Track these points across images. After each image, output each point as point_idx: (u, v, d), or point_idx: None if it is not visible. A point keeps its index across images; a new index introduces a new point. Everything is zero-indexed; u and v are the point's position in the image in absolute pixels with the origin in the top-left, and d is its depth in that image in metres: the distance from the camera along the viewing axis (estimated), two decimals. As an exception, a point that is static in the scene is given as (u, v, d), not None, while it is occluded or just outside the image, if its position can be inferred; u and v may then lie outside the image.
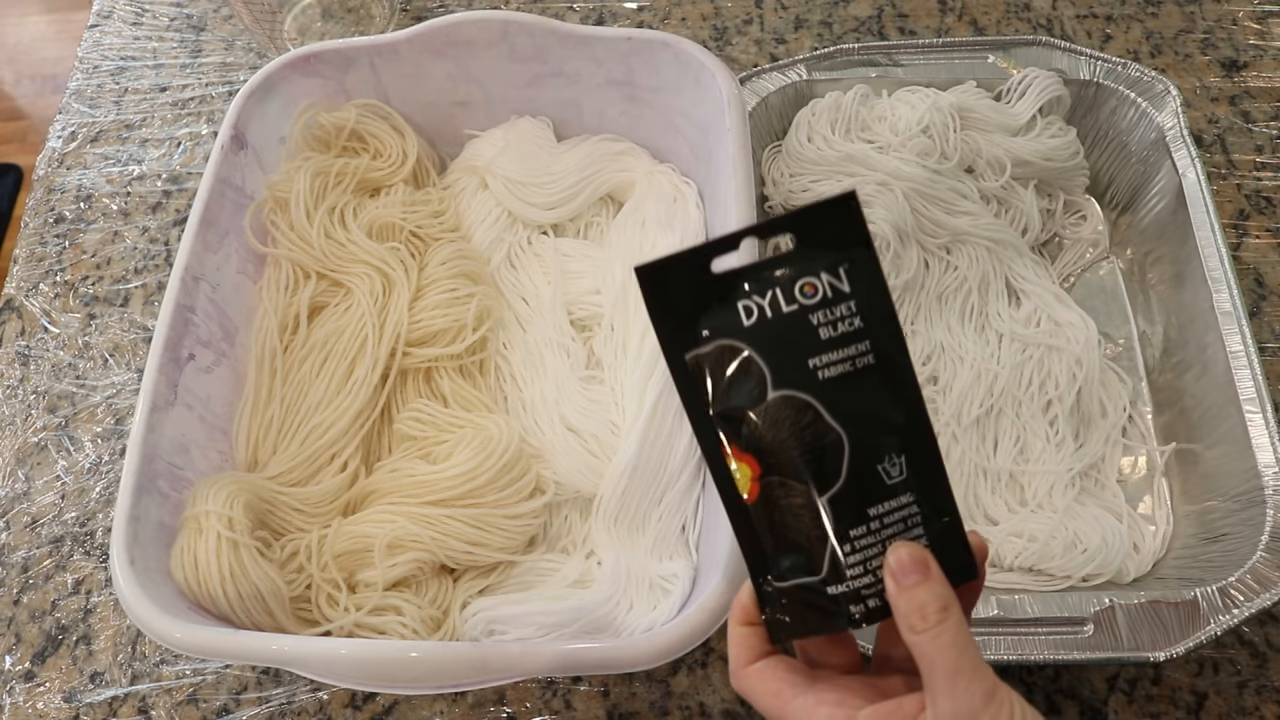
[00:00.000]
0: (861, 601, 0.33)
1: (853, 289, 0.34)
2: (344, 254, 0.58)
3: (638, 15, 0.82)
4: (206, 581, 0.45)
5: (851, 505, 0.33)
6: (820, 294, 0.34)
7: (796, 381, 0.33)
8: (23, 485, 0.63)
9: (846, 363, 0.34)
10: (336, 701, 0.56)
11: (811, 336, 0.34)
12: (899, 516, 0.34)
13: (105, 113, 0.79)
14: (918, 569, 0.32)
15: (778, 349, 0.34)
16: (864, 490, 0.33)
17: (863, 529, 0.33)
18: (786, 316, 0.34)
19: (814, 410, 0.33)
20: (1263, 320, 0.66)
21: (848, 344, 0.34)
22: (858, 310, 0.34)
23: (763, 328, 0.34)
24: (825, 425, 0.33)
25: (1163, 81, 0.65)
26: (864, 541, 0.33)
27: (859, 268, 0.34)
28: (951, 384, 0.61)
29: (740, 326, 0.34)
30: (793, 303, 0.34)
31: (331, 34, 0.80)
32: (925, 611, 0.31)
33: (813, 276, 0.34)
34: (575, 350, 0.59)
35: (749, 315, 0.34)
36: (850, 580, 0.33)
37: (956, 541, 0.34)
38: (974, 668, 0.30)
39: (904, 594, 0.32)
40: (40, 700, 0.56)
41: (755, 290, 0.34)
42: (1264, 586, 0.49)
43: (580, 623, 0.48)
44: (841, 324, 0.34)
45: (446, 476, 0.51)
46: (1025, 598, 0.50)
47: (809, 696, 0.33)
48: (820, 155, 0.65)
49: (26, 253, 0.73)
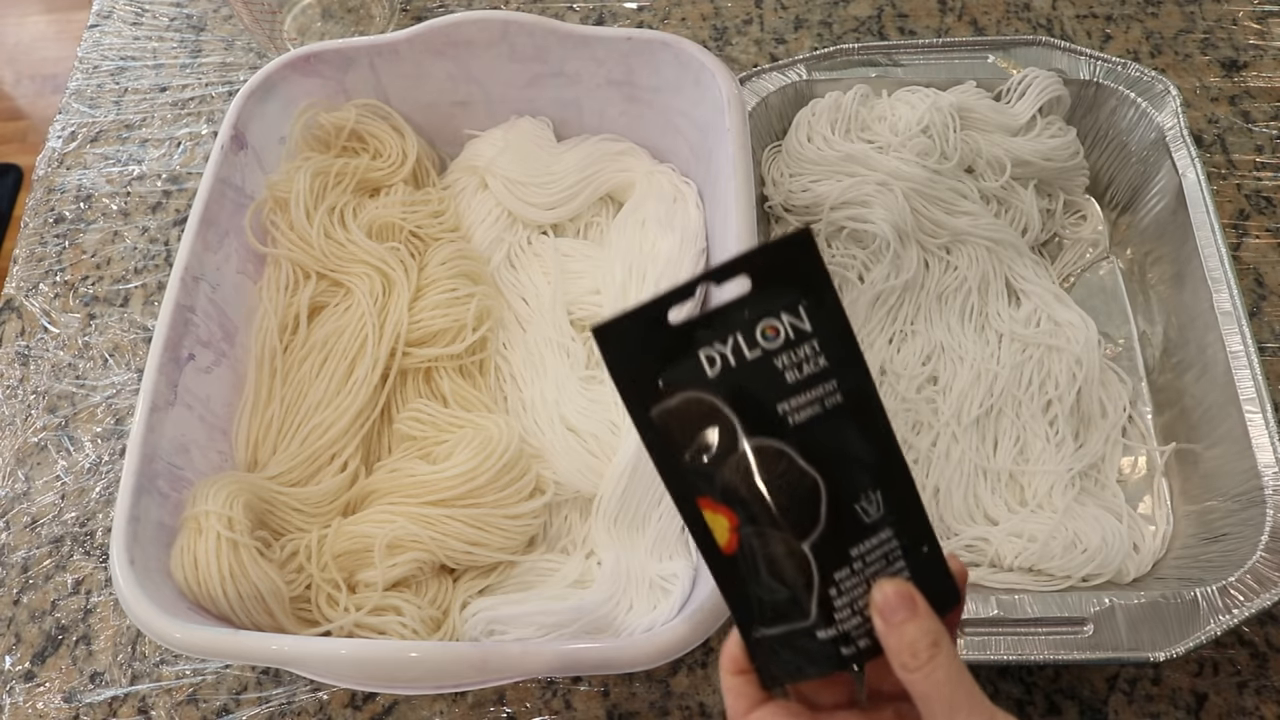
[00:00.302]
0: (852, 643, 0.33)
1: (814, 327, 0.33)
2: (344, 254, 0.58)
3: (638, 15, 0.82)
4: (206, 581, 0.45)
5: (833, 548, 0.33)
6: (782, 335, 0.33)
7: (767, 429, 0.33)
8: (23, 485, 0.63)
9: (815, 404, 0.33)
10: (336, 701, 0.56)
11: (778, 381, 0.33)
12: (880, 553, 0.34)
13: (105, 113, 0.79)
14: (905, 606, 0.32)
15: (745, 397, 0.33)
16: (844, 531, 0.33)
17: (846, 570, 0.33)
18: (751, 363, 0.33)
19: (787, 457, 0.33)
20: (1263, 320, 0.66)
21: (815, 385, 0.33)
22: (821, 349, 0.33)
23: (727, 376, 0.33)
24: (800, 470, 0.33)
25: (1163, 81, 0.65)
26: (849, 583, 0.33)
27: (819, 304, 0.34)
28: (951, 384, 0.61)
29: (704, 377, 0.33)
30: (755, 347, 0.33)
31: (331, 34, 0.80)
32: (916, 649, 0.31)
33: (773, 318, 0.33)
34: (575, 350, 0.59)
35: (712, 364, 0.33)
36: (839, 623, 0.33)
37: (939, 570, 0.34)
38: (970, 701, 0.31)
39: (893, 632, 0.32)
40: (40, 700, 0.56)
41: (716, 337, 0.33)
42: (1264, 586, 0.49)
43: (580, 623, 0.48)
44: (807, 365, 0.33)
45: (446, 476, 0.51)
46: (1025, 598, 0.50)
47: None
48: (820, 155, 0.65)
49: (26, 253, 0.73)
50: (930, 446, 0.60)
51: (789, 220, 0.66)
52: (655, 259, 0.58)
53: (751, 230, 0.52)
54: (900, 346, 0.63)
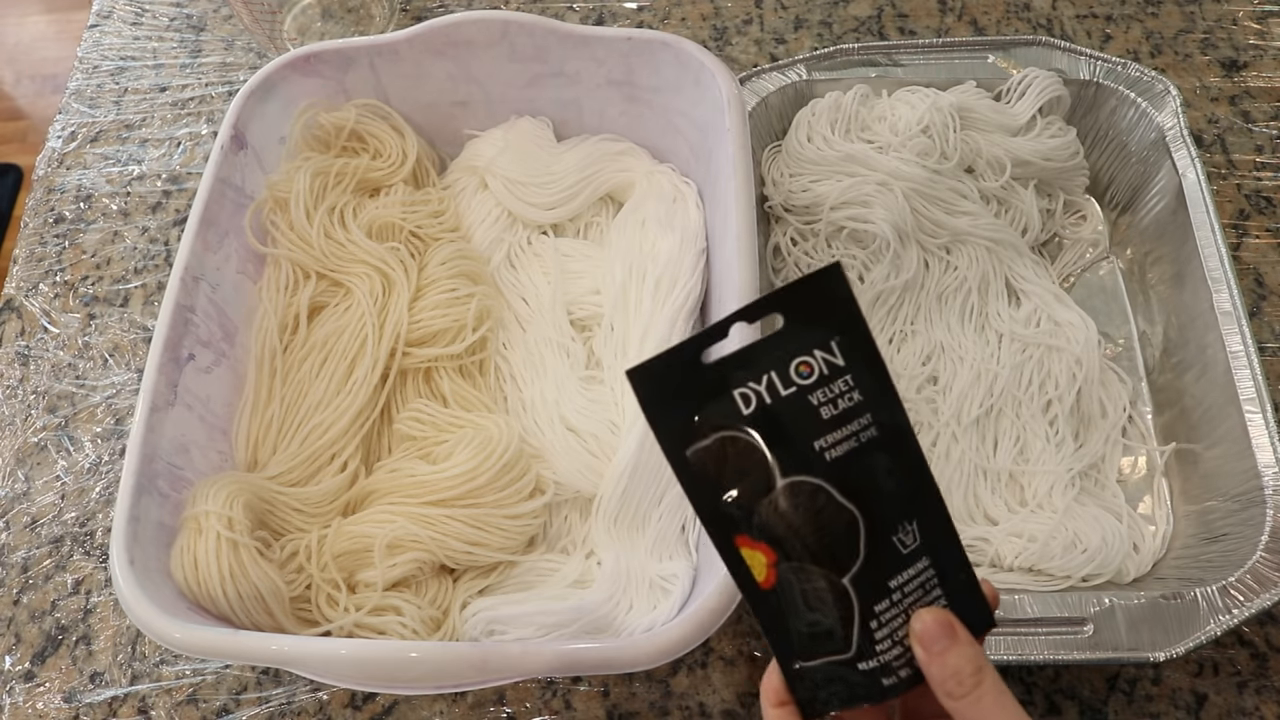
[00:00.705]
0: (893, 673, 0.33)
1: (847, 362, 0.34)
2: (344, 254, 0.58)
3: (638, 15, 0.82)
4: (206, 581, 0.45)
5: (873, 580, 0.33)
6: (816, 372, 0.33)
7: (804, 466, 0.33)
8: (23, 485, 0.63)
9: (851, 439, 0.33)
10: (336, 701, 0.56)
11: (813, 417, 0.33)
12: (918, 583, 0.34)
13: (105, 113, 0.79)
14: (945, 634, 0.32)
15: (781, 435, 0.33)
16: (883, 564, 0.33)
17: (886, 602, 0.33)
18: (786, 400, 0.33)
19: (825, 493, 0.33)
20: (1263, 320, 0.66)
21: (850, 420, 0.33)
22: (855, 384, 0.33)
23: (763, 414, 0.33)
24: (838, 506, 0.33)
25: (1163, 81, 0.65)
26: (889, 614, 0.33)
27: (852, 339, 0.34)
28: (951, 384, 0.61)
29: (740, 415, 0.33)
30: (790, 385, 0.33)
31: (331, 34, 0.80)
32: (961, 677, 0.31)
33: (807, 355, 0.33)
34: (575, 350, 0.59)
35: (747, 403, 0.33)
36: (880, 654, 0.33)
37: (974, 595, 0.35)
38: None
39: (935, 661, 0.32)
40: (40, 700, 0.56)
41: (750, 376, 0.33)
42: (1264, 586, 0.49)
43: (580, 623, 0.48)
44: (841, 400, 0.33)
45: (446, 476, 0.51)
46: (1025, 598, 0.50)
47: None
48: (820, 155, 0.65)
49: (26, 253, 0.73)
50: (930, 446, 0.60)
51: (789, 220, 0.66)
52: (655, 259, 0.58)
53: (752, 230, 0.52)
54: (900, 346, 0.63)
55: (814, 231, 0.65)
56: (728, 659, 0.56)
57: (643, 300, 0.57)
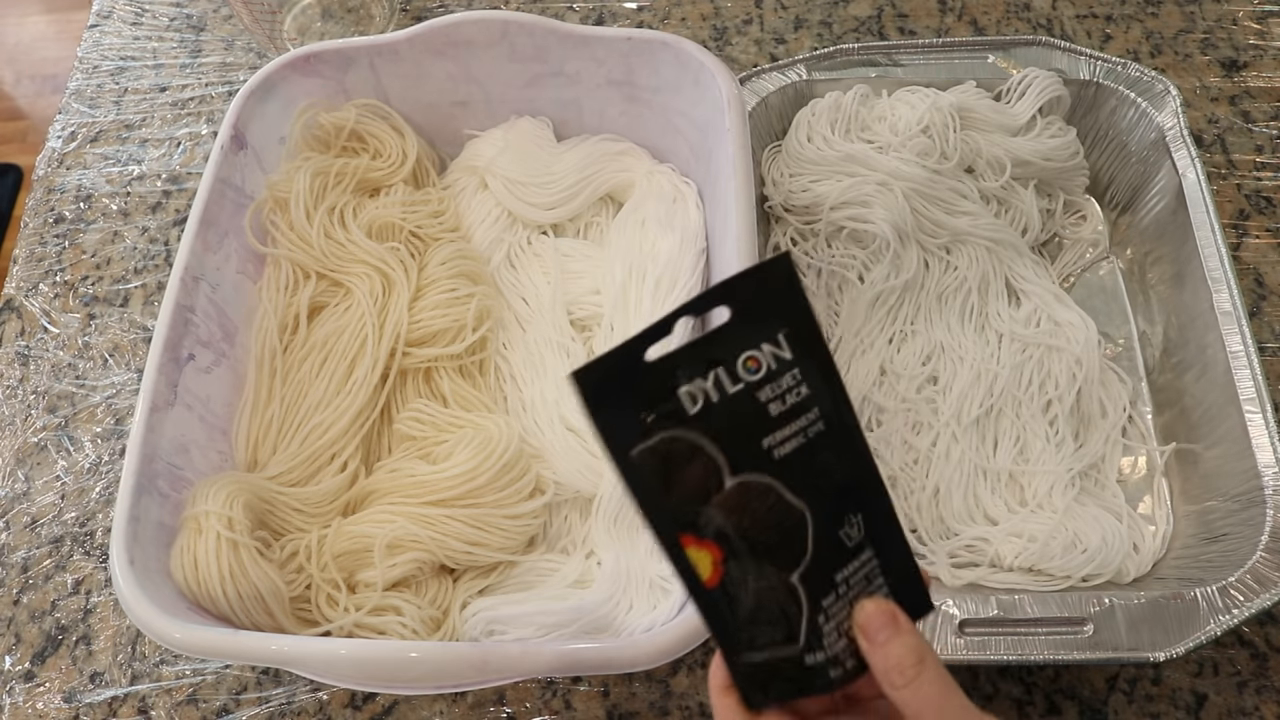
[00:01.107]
0: (840, 665, 0.34)
1: (795, 355, 0.33)
2: (344, 254, 0.58)
3: (638, 15, 0.82)
4: (206, 581, 0.45)
5: (820, 575, 0.33)
6: (764, 367, 0.32)
7: (753, 464, 0.32)
8: (23, 485, 0.63)
9: (799, 435, 0.33)
10: (336, 701, 0.56)
11: (762, 415, 0.32)
12: (862, 574, 0.34)
13: (105, 113, 0.79)
14: (888, 624, 0.33)
15: (730, 435, 0.32)
16: (830, 559, 0.33)
17: (832, 595, 0.33)
18: (733, 397, 0.32)
19: (774, 491, 0.32)
20: (1263, 320, 0.66)
21: (798, 415, 0.33)
22: (803, 378, 0.33)
23: (710, 413, 0.32)
24: (787, 504, 0.33)
25: (1163, 81, 0.65)
26: (835, 607, 0.33)
27: (799, 330, 0.33)
28: (951, 384, 0.61)
29: (685, 415, 0.32)
30: (738, 381, 0.32)
31: (331, 34, 0.80)
32: (903, 667, 0.32)
33: (754, 349, 0.32)
34: (575, 350, 0.59)
35: (694, 401, 0.32)
36: (827, 647, 0.33)
37: (914, 581, 0.35)
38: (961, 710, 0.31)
39: (878, 651, 0.32)
40: (40, 700, 0.56)
41: (696, 373, 0.32)
42: (1264, 587, 0.49)
43: (580, 623, 0.48)
44: (789, 395, 0.33)
45: (446, 476, 0.51)
46: (1025, 598, 0.50)
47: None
48: (820, 155, 0.65)
49: (26, 253, 0.73)
50: (930, 446, 0.60)
51: (789, 220, 0.66)
52: (655, 259, 0.58)
53: (751, 230, 0.52)
54: (900, 346, 0.63)
55: (814, 231, 0.65)
56: None
57: (643, 300, 0.57)
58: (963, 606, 0.50)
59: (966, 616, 0.49)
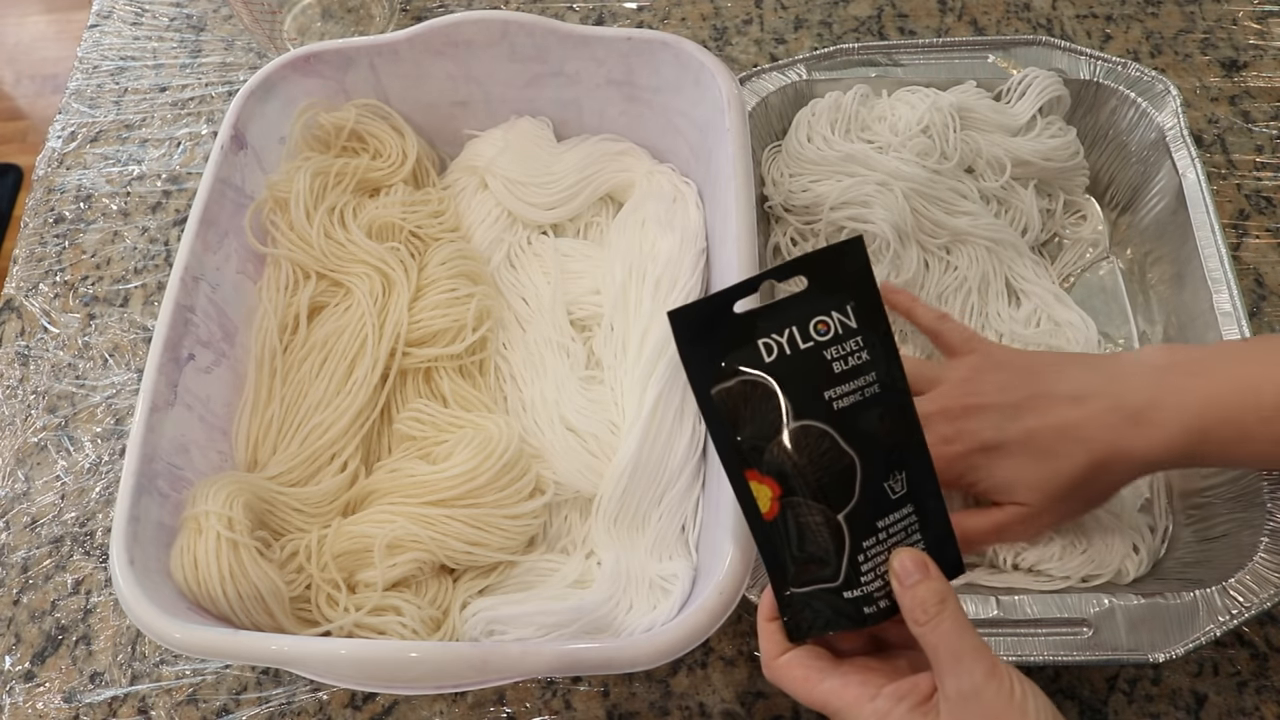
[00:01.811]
0: (874, 603, 0.38)
1: (859, 325, 0.38)
2: (344, 254, 0.58)
3: (638, 15, 0.82)
4: (206, 581, 0.45)
5: (864, 520, 0.37)
6: (832, 331, 0.37)
7: (814, 412, 0.37)
8: (23, 485, 0.63)
9: (857, 393, 0.37)
10: (336, 701, 0.56)
11: (826, 370, 0.37)
12: (902, 526, 0.38)
13: (105, 113, 0.79)
14: (918, 569, 0.37)
15: (796, 383, 0.37)
16: (874, 506, 0.37)
17: (873, 540, 0.37)
18: (803, 352, 0.37)
19: (830, 438, 0.37)
20: (1263, 320, 0.66)
21: (857, 376, 0.37)
22: (865, 345, 0.38)
23: (782, 363, 0.37)
24: (840, 450, 0.37)
25: (1163, 81, 0.65)
26: (874, 550, 0.37)
27: (865, 305, 0.38)
28: (951, 384, 0.61)
29: (762, 362, 0.37)
30: (808, 340, 0.37)
31: (331, 34, 0.80)
32: (926, 605, 0.35)
33: (825, 315, 0.37)
34: (575, 350, 0.59)
35: (769, 352, 0.37)
36: (864, 585, 0.37)
37: (949, 544, 0.39)
38: (974, 649, 0.34)
39: (907, 592, 0.36)
40: (40, 700, 0.56)
41: (773, 329, 0.37)
42: (1263, 587, 0.49)
43: (580, 623, 0.48)
44: (851, 358, 0.37)
45: (446, 476, 0.51)
46: (1025, 599, 0.50)
47: (835, 680, 0.37)
48: (820, 155, 0.65)
49: (26, 253, 0.73)
50: (930, 446, 0.60)
51: (789, 220, 0.66)
52: (655, 259, 0.58)
53: (752, 230, 0.52)
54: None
55: (814, 231, 0.65)
56: (728, 659, 0.56)
57: (643, 300, 0.57)
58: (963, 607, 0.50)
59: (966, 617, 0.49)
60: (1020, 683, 0.34)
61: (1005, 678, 0.34)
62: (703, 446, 0.55)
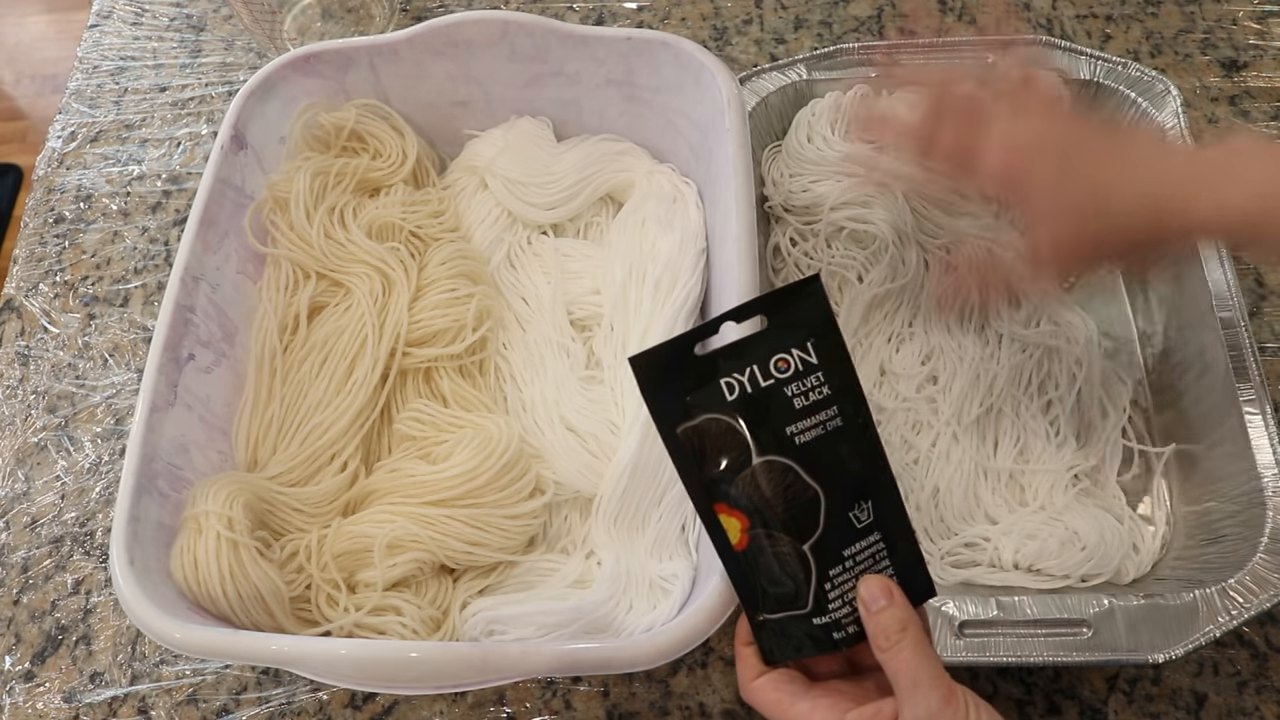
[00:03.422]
0: (843, 628, 0.39)
1: (820, 360, 0.39)
2: (344, 254, 0.58)
3: (638, 15, 0.82)
4: (206, 581, 0.45)
5: (830, 549, 0.38)
6: (792, 368, 0.38)
7: (777, 447, 0.38)
8: (23, 485, 0.63)
9: (818, 427, 0.38)
10: (336, 701, 0.56)
11: (787, 406, 0.38)
12: (869, 553, 0.39)
13: (105, 113, 0.79)
14: (883, 596, 0.38)
15: (758, 420, 0.38)
16: (839, 535, 0.38)
17: (840, 568, 0.38)
18: (765, 389, 0.38)
19: (794, 472, 0.38)
20: (1263, 320, 0.66)
21: (819, 410, 0.38)
22: (825, 380, 0.39)
23: (744, 401, 0.38)
24: (804, 484, 0.38)
25: (1163, 81, 0.65)
26: (841, 578, 0.38)
27: (825, 341, 0.39)
28: (951, 384, 0.61)
29: (724, 401, 0.38)
30: (769, 377, 0.38)
31: (331, 34, 0.80)
32: (888, 631, 0.37)
33: (785, 353, 0.38)
34: (575, 350, 0.59)
35: (731, 390, 0.38)
36: (832, 612, 0.38)
37: (918, 568, 0.40)
38: (932, 676, 0.36)
39: (871, 619, 0.38)
40: (40, 700, 0.56)
41: (735, 369, 0.38)
42: (1263, 589, 0.49)
43: (580, 623, 0.48)
44: (812, 393, 0.38)
45: (446, 476, 0.51)
46: (1025, 599, 0.50)
47: (805, 703, 0.38)
48: (820, 155, 0.65)
49: (26, 253, 0.73)
50: (930, 446, 0.60)
51: (789, 220, 0.66)
52: (655, 259, 0.58)
53: (752, 230, 0.52)
54: (899, 346, 0.63)
55: (814, 232, 0.65)
56: (728, 659, 0.56)
57: (643, 300, 0.57)
58: (962, 608, 0.50)
59: (966, 618, 0.49)
60: (976, 707, 0.36)
61: (961, 704, 0.36)
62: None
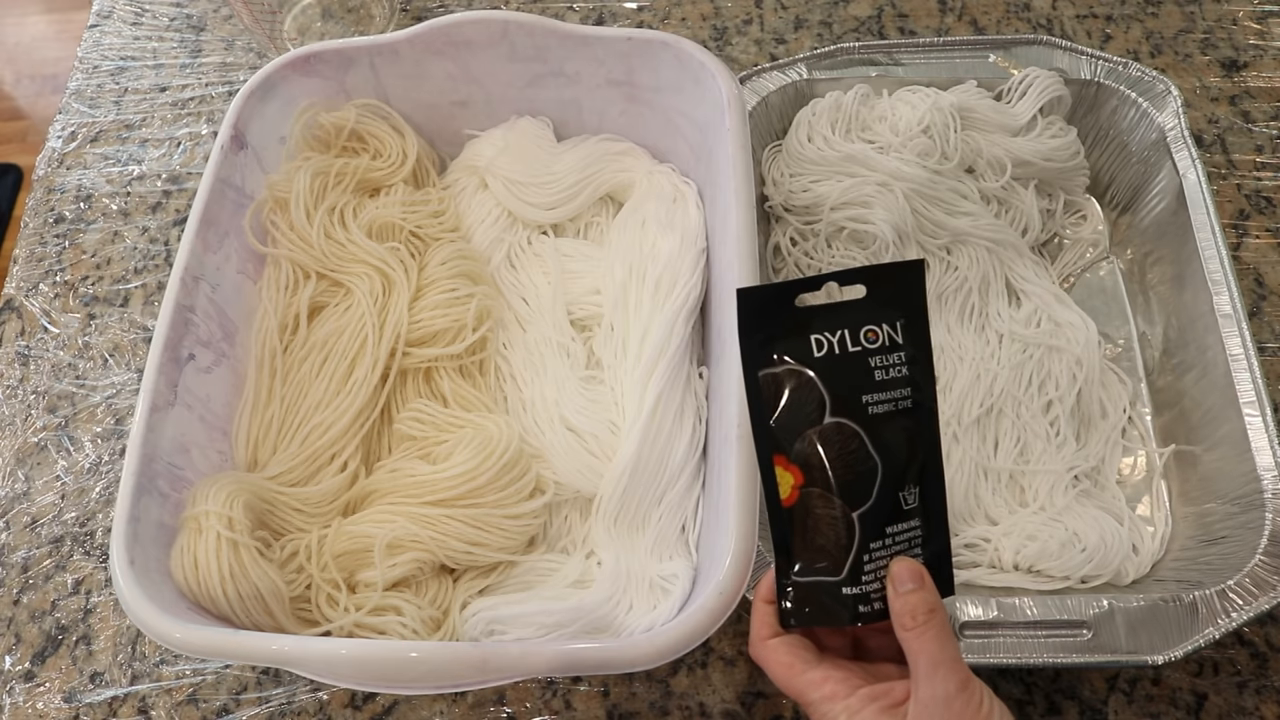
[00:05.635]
0: (869, 603, 0.39)
1: (905, 341, 0.40)
2: (344, 254, 0.58)
3: (638, 15, 0.82)
4: (206, 581, 0.45)
5: (875, 523, 0.39)
6: (880, 341, 0.40)
7: (850, 411, 0.39)
8: (23, 485, 0.63)
9: (891, 403, 0.39)
10: (336, 701, 0.56)
11: (868, 376, 0.39)
12: (907, 537, 0.40)
13: (105, 113, 0.79)
14: (914, 578, 0.38)
15: (839, 381, 0.39)
16: (887, 512, 0.39)
17: (880, 543, 0.39)
18: (850, 355, 0.39)
19: (860, 439, 0.39)
20: (1263, 321, 0.66)
21: (895, 387, 0.40)
22: (906, 360, 0.40)
23: (829, 361, 0.39)
24: (867, 453, 0.39)
25: (1163, 81, 0.65)
26: (879, 553, 0.39)
27: (913, 325, 0.40)
28: (951, 384, 0.61)
29: (811, 356, 0.39)
30: (857, 344, 0.39)
31: (331, 34, 0.80)
32: (916, 612, 0.37)
33: (876, 325, 0.40)
34: (575, 350, 0.59)
35: (820, 348, 0.39)
36: (863, 584, 0.39)
37: (946, 563, 0.41)
38: (952, 661, 0.36)
39: (900, 598, 0.38)
40: (40, 700, 0.56)
41: (827, 328, 0.39)
42: (1262, 590, 0.49)
43: (580, 623, 0.48)
44: (893, 370, 0.40)
45: (446, 476, 0.51)
46: (1025, 601, 0.50)
47: (817, 672, 0.39)
48: (820, 155, 0.65)
49: (26, 253, 0.73)
50: (930, 447, 0.60)
51: (789, 220, 0.66)
52: (655, 259, 0.58)
53: (752, 230, 0.52)
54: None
55: (814, 231, 0.65)
56: (728, 659, 0.56)
57: (643, 300, 0.57)
58: (963, 609, 0.50)
59: (967, 619, 0.49)
60: (990, 699, 0.36)
61: (976, 692, 0.36)
62: (702, 446, 0.55)
